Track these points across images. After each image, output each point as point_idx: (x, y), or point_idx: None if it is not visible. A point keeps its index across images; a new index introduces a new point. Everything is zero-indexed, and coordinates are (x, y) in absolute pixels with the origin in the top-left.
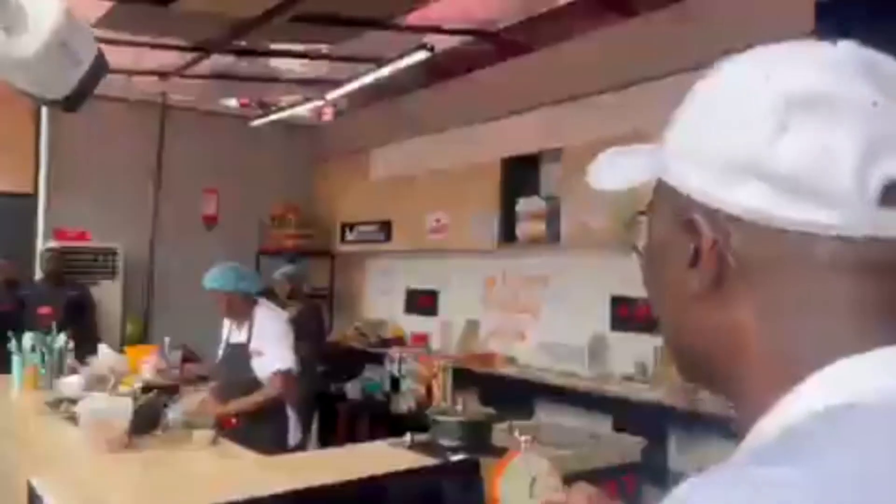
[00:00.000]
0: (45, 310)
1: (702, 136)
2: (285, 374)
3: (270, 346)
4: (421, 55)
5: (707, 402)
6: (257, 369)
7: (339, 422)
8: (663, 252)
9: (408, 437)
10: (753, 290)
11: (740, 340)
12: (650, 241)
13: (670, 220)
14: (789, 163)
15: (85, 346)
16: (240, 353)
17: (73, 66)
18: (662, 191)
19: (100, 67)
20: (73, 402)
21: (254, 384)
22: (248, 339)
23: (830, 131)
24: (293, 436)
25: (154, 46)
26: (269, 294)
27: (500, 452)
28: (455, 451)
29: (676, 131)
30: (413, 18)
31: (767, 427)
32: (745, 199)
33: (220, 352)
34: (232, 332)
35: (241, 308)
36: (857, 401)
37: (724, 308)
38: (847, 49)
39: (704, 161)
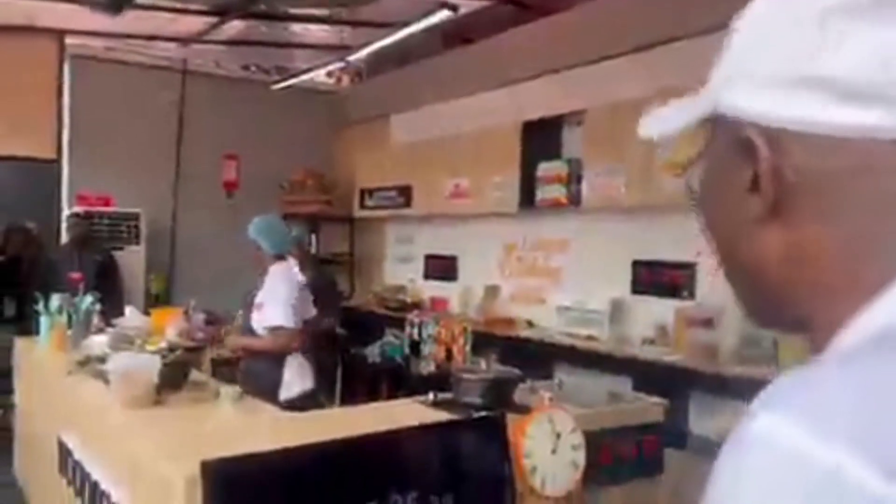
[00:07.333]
0: (74, 274)
1: (754, 57)
2: (276, 331)
3: (270, 302)
4: (443, 14)
5: (727, 365)
6: (255, 322)
7: (359, 384)
8: (721, 184)
9: (431, 395)
10: (819, 204)
11: (811, 255)
12: (706, 176)
13: (725, 149)
14: (848, 68)
15: (111, 309)
16: (250, 304)
17: None
18: (716, 125)
19: None
20: (101, 360)
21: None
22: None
23: (884, 31)
24: (285, 391)
25: (174, 11)
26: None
27: (523, 411)
28: (478, 408)
29: (726, 60)
30: None
31: (853, 336)
32: (804, 111)
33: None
34: (257, 284)
35: (261, 262)
36: None
37: (789, 228)
38: None
39: (759, 80)
